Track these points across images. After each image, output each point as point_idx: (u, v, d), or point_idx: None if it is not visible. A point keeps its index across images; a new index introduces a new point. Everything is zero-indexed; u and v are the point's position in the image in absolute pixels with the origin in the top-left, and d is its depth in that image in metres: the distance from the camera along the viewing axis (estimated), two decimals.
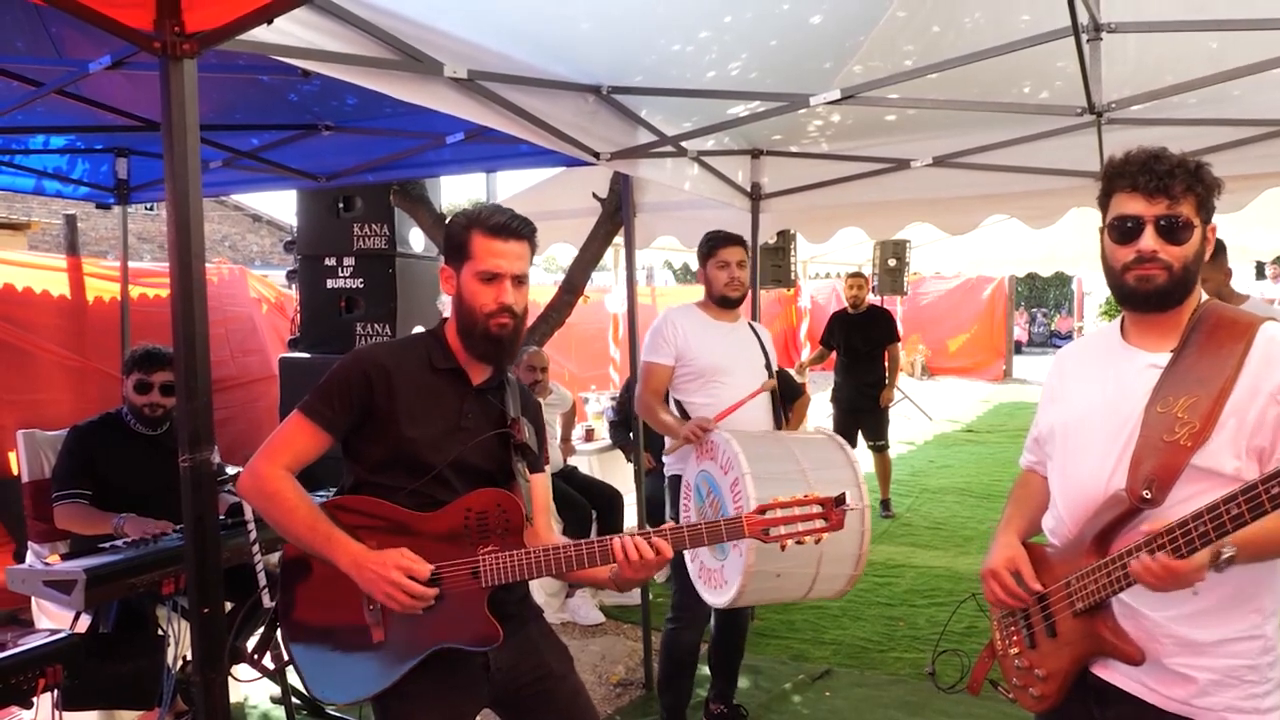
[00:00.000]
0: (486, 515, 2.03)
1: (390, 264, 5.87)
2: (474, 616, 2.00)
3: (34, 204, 16.57)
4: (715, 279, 3.65)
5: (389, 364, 2.08)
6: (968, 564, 5.95)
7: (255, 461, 2.06)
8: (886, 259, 10.92)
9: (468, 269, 2.09)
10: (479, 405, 2.16)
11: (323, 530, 1.99)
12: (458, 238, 2.11)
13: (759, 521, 1.99)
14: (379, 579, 1.92)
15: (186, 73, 1.95)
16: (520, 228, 2.11)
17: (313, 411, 2.05)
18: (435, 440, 2.07)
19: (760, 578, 2.93)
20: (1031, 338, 28.57)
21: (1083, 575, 1.80)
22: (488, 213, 2.11)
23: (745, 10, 3.19)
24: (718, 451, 3.11)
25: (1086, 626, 1.81)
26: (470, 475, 2.11)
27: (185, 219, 1.97)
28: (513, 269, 2.09)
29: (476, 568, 2.00)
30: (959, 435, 11.79)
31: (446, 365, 2.13)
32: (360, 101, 4.10)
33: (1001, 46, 3.05)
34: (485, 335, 2.08)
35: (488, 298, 2.07)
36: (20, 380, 5.28)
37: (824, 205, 5.11)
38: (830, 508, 2.01)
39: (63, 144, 4.81)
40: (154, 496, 3.60)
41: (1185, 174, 1.76)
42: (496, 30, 2.90)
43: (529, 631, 2.22)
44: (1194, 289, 1.82)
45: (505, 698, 2.18)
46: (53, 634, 2.63)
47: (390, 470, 2.07)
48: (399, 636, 2.01)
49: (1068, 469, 1.91)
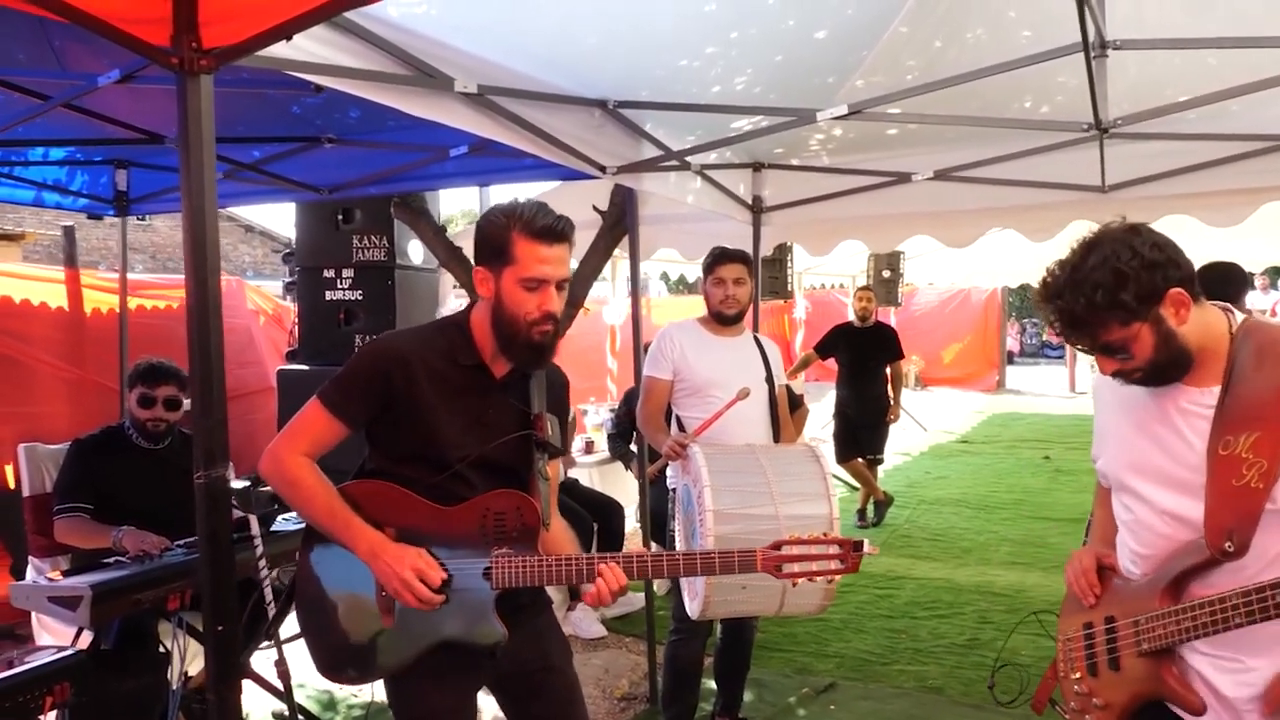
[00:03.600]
0: (505, 517, 2.02)
1: (389, 276, 5.88)
2: (483, 615, 2.02)
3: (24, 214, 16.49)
4: (711, 295, 3.68)
5: (410, 357, 2.04)
6: (968, 575, 5.96)
7: (276, 445, 2.07)
8: (881, 270, 10.95)
9: (509, 274, 2.00)
10: (501, 399, 2.12)
11: (341, 517, 2.00)
12: (497, 239, 2.01)
13: (773, 557, 1.98)
14: (392, 573, 1.94)
15: (203, 88, 1.95)
16: (565, 229, 2.02)
17: (330, 402, 2.05)
18: (456, 436, 2.05)
19: (724, 589, 2.94)
20: (1023, 348, 28.68)
21: (1153, 617, 1.78)
22: (530, 213, 1.99)
23: (751, 26, 3.21)
24: (691, 465, 3.13)
25: (1151, 668, 1.80)
26: (491, 471, 2.10)
27: (201, 234, 1.96)
28: (557, 274, 2.01)
29: (489, 569, 2.00)
30: (954, 446, 11.81)
31: (470, 362, 2.08)
32: (363, 115, 4.10)
33: (1011, 62, 3.07)
34: (528, 343, 2.02)
35: (531, 305, 1.99)
36: (18, 393, 5.24)
37: (825, 218, 5.14)
38: (848, 550, 2.00)
39: (62, 156, 4.80)
40: (155, 511, 3.58)
41: (1091, 312, 1.69)
42: (506, 46, 2.91)
43: (537, 622, 2.23)
44: (1191, 351, 1.72)
45: (504, 681, 2.21)
46: (59, 651, 2.61)
47: (411, 463, 2.06)
48: (408, 625, 2.03)
49: (1139, 514, 1.87)
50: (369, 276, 5.91)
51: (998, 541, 6.85)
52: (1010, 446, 11.62)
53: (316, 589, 2.12)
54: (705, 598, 2.97)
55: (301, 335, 6.21)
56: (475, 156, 4.25)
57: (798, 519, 2.83)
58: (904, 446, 11.21)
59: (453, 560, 2.01)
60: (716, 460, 3.01)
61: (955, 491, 8.76)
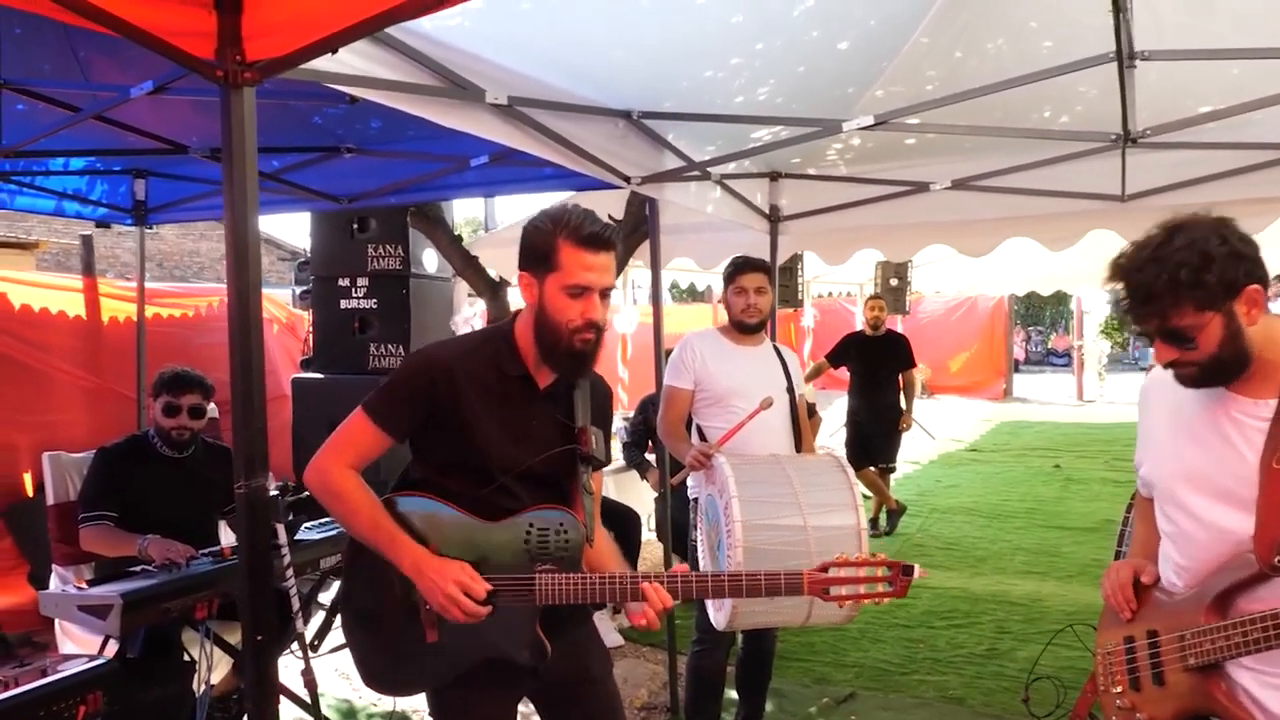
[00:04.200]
0: (548, 534, 2.02)
1: (404, 284, 5.89)
2: (525, 631, 2.02)
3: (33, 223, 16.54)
4: (733, 305, 3.67)
5: (455, 367, 2.03)
6: (983, 585, 5.95)
7: (321, 457, 2.06)
8: (888, 278, 10.96)
9: (553, 280, 1.99)
10: (545, 411, 2.11)
11: (386, 530, 1.99)
12: (543, 245, 1.99)
13: (820, 580, 1.96)
14: (436, 588, 1.93)
15: (246, 101, 1.96)
16: (612, 237, 2.00)
17: (375, 412, 2.05)
18: (500, 447, 2.04)
19: (752, 599, 2.91)
20: (1029, 356, 28.69)
21: (1200, 632, 1.77)
22: (577, 219, 1.98)
23: (776, 38, 3.23)
24: (716, 475, 3.13)
25: (1198, 684, 1.79)
26: (535, 483, 2.09)
27: (244, 245, 1.97)
28: (602, 282, 1.99)
29: (532, 586, 1.99)
30: (963, 454, 11.80)
31: (516, 371, 2.08)
32: (384, 124, 4.13)
33: (1039, 73, 3.08)
34: (569, 351, 2.00)
35: (574, 313, 1.98)
36: (36, 401, 5.26)
37: (842, 227, 5.15)
38: (897, 573, 1.97)
39: (82, 165, 4.82)
40: (179, 519, 3.59)
41: (1172, 289, 1.67)
42: (537, 58, 2.93)
43: (578, 633, 2.22)
44: (1252, 355, 1.71)
45: (544, 692, 2.21)
46: (91, 660, 2.61)
47: (455, 474, 2.06)
48: (452, 640, 2.02)
49: (1183, 525, 1.86)
50: (384, 285, 5.93)
51: (1012, 551, 6.84)
52: (1020, 455, 11.61)
53: (362, 602, 2.12)
54: (732, 609, 2.96)
55: (316, 344, 6.23)
56: (495, 166, 4.26)
57: (826, 530, 2.84)
58: (913, 455, 11.21)
59: (496, 575, 2.00)
60: (743, 471, 3.00)
61: (967, 500, 8.75)
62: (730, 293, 3.67)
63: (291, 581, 3.14)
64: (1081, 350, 19.04)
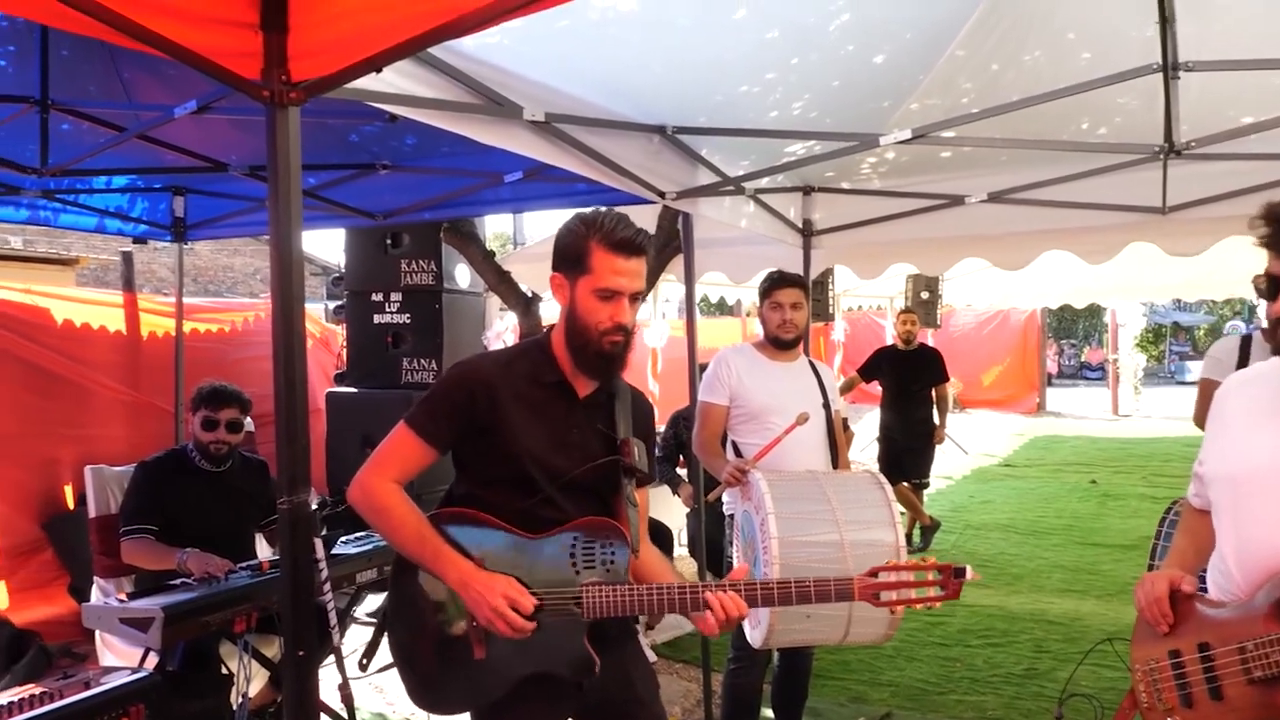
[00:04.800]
0: (594, 545, 2.02)
1: (437, 299, 5.93)
2: (573, 646, 2.01)
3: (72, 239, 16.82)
4: (769, 320, 3.65)
5: (494, 378, 2.05)
6: (1020, 603, 5.87)
7: (364, 474, 2.07)
8: (919, 292, 10.88)
9: (585, 283, 2.02)
10: (585, 419, 2.12)
11: (431, 545, 2.00)
12: (576, 248, 2.03)
13: (870, 585, 1.94)
14: (483, 602, 1.93)
15: (291, 120, 1.99)
16: (643, 242, 2.03)
17: (417, 425, 2.06)
18: (541, 456, 2.05)
19: (789, 617, 2.90)
20: (1061, 370, 28.36)
21: (1263, 643, 1.72)
22: (610, 224, 2.01)
23: (812, 52, 3.22)
24: (752, 491, 3.11)
25: (1263, 696, 1.74)
26: (578, 495, 2.09)
27: (288, 261, 1.99)
28: (632, 286, 2.03)
29: (580, 599, 1.99)
30: (997, 470, 11.67)
31: (553, 379, 2.10)
32: (419, 141, 4.17)
33: (1081, 84, 3.06)
34: (599, 353, 2.04)
35: (604, 315, 2.02)
36: (77, 415, 5.34)
37: (876, 241, 5.12)
38: (948, 576, 1.95)
39: (124, 183, 4.91)
40: (216, 533, 3.63)
41: None
42: (573, 74, 2.95)
43: (623, 654, 2.20)
44: None
45: (589, 712, 2.19)
46: (133, 672, 2.64)
47: (498, 487, 2.07)
48: (499, 656, 2.01)
49: (1242, 528, 1.83)
50: (417, 300, 5.97)
51: (1049, 568, 6.75)
52: (1055, 470, 11.46)
53: (408, 618, 2.12)
54: (769, 626, 2.94)
55: (350, 358, 6.28)
56: (528, 182, 4.29)
57: (863, 546, 2.81)
58: (946, 470, 11.10)
59: (543, 589, 1.99)
60: (779, 487, 2.98)
61: (1002, 516, 8.65)
62: (766, 308, 3.66)
63: (329, 596, 3.15)
64: (1117, 364, 18.79)
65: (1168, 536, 3.31)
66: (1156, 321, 27.81)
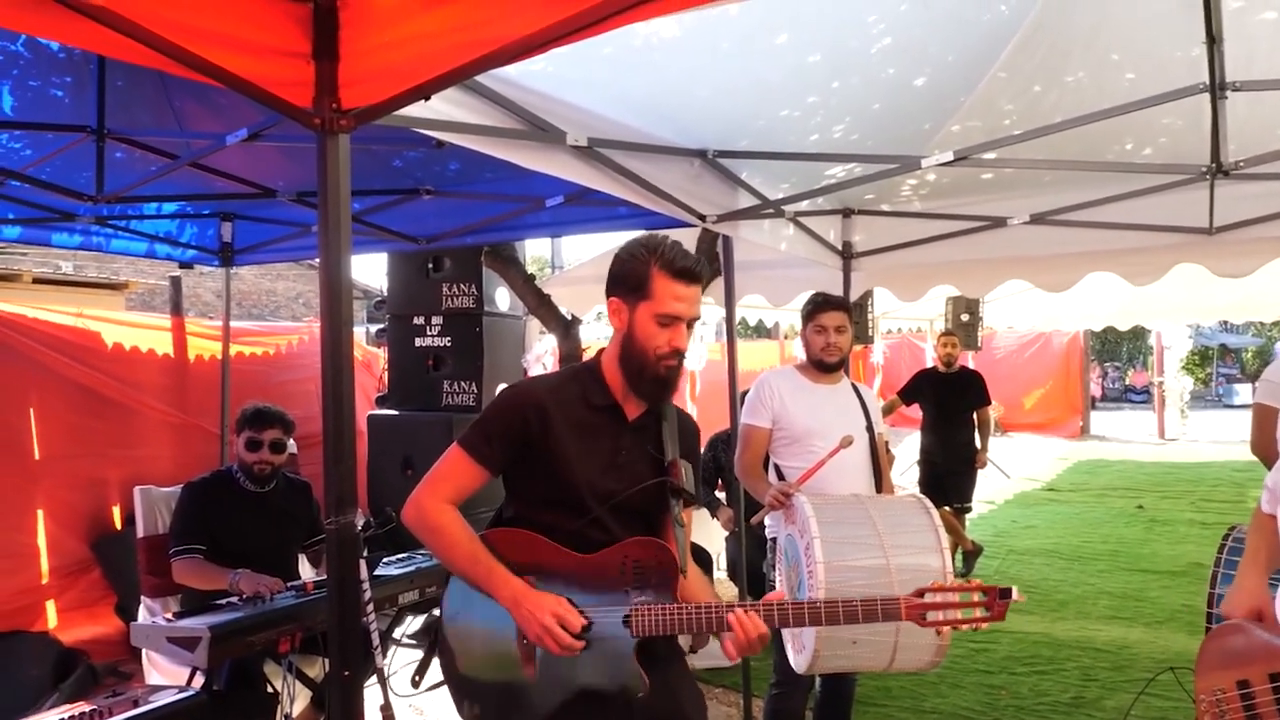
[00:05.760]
0: (644, 565, 2.04)
1: (477, 323, 5.99)
2: (623, 665, 2.02)
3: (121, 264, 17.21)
4: (812, 343, 3.63)
5: (545, 401, 2.08)
6: (1066, 630, 5.75)
7: (419, 493, 2.11)
8: (960, 314, 10.77)
9: (645, 308, 2.07)
10: (634, 441, 2.15)
11: (484, 564, 2.03)
12: (637, 273, 2.07)
13: (917, 605, 1.94)
14: (534, 620, 1.96)
15: (341, 147, 2.03)
16: (703, 271, 2.09)
17: (470, 447, 2.09)
18: (591, 477, 2.08)
19: (834, 643, 2.86)
20: (1105, 393, 27.91)
21: None
22: (671, 252, 2.07)
23: (853, 75, 3.23)
24: (796, 515, 3.09)
25: None
26: (626, 516, 2.12)
27: (337, 285, 2.02)
28: (691, 313, 2.08)
29: (629, 617, 2.00)
30: (1040, 494, 11.48)
31: (604, 402, 2.13)
32: (462, 166, 4.23)
33: (1127, 105, 3.04)
34: (655, 377, 2.08)
35: (662, 340, 2.06)
36: (126, 436, 5.45)
37: (916, 263, 5.10)
38: (994, 597, 1.94)
39: (174, 209, 5.02)
40: (260, 553, 3.68)
41: None
42: (616, 99, 2.98)
43: (669, 673, 2.20)
44: None
45: None
46: (180, 691, 2.67)
47: (548, 508, 2.09)
48: (549, 674, 2.03)
49: None
50: (458, 324, 6.03)
51: (1095, 594, 6.61)
52: (1100, 495, 11.25)
53: (459, 637, 2.14)
54: (814, 651, 2.90)
55: (391, 381, 6.35)
56: (570, 206, 4.33)
57: (910, 572, 2.77)
58: (988, 494, 10.94)
59: (593, 608, 2.02)
60: (824, 511, 2.96)
61: (1046, 541, 8.49)
62: (810, 331, 3.64)
63: (372, 617, 3.17)
64: (1162, 387, 18.46)
65: (1228, 564, 3.24)
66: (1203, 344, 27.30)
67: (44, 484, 5.03)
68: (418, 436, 5.71)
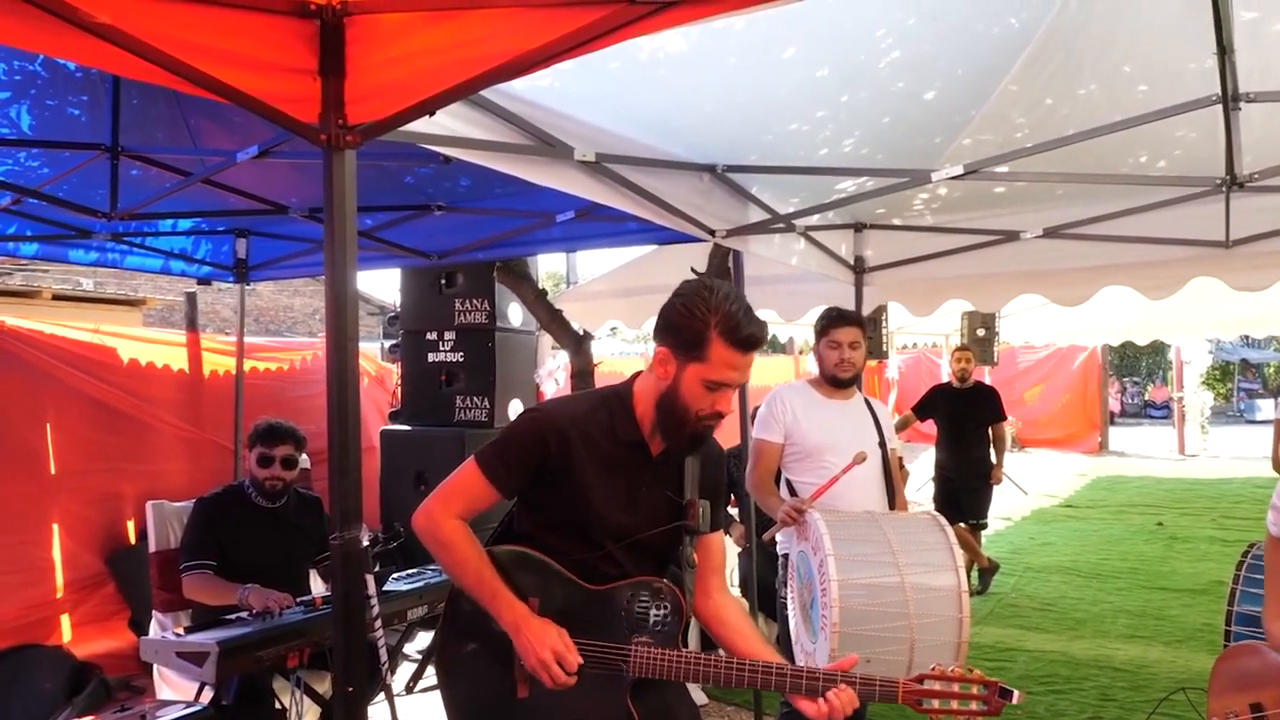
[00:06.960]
0: (649, 605, 2.02)
1: (490, 338, 6.01)
2: (614, 701, 2.00)
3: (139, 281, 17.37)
4: (826, 358, 3.61)
5: (569, 428, 2.03)
6: (1084, 648, 5.67)
7: (431, 504, 2.09)
8: (975, 329, 10.72)
9: (696, 370, 1.94)
10: (655, 478, 2.11)
11: (489, 585, 2.00)
12: (694, 332, 1.93)
13: (915, 691, 1.90)
14: (532, 651, 1.94)
15: (348, 162, 2.03)
16: (763, 337, 1.97)
17: (487, 468, 2.05)
18: (609, 514, 2.05)
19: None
20: (1124, 408, 27.67)
21: None
22: (734, 319, 1.91)
23: (862, 90, 3.22)
24: (809, 531, 3.06)
25: None
26: (639, 552, 2.09)
27: (343, 301, 2.03)
28: (743, 379, 1.99)
29: (627, 658, 1.99)
30: (1057, 510, 11.36)
31: (631, 438, 2.07)
32: (473, 182, 4.24)
33: (1139, 117, 3.02)
34: (692, 434, 2.01)
35: (707, 403, 1.97)
36: (140, 451, 5.47)
37: (928, 278, 5.08)
38: (994, 693, 1.89)
39: (189, 226, 5.06)
40: (271, 568, 3.67)
41: None
42: (624, 114, 2.98)
43: (666, 693, 2.16)
44: None
45: None
46: (189, 706, 2.67)
47: (561, 533, 2.07)
48: (541, 699, 2.01)
49: None
50: (470, 339, 6.05)
51: (1114, 613, 6.52)
52: (1118, 511, 11.12)
53: (457, 651, 2.13)
54: None
55: (404, 396, 6.37)
56: (580, 221, 4.33)
57: (925, 591, 2.75)
58: (1004, 510, 10.84)
59: (592, 642, 2.00)
60: (838, 528, 2.93)
61: (1063, 559, 8.40)
62: (823, 346, 3.62)
63: (380, 632, 3.17)
64: (1182, 402, 18.28)
65: (1247, 580, 3.19)
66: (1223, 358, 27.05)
67: (59, 498, 5.05)
68: (430, 452, 5.72)
